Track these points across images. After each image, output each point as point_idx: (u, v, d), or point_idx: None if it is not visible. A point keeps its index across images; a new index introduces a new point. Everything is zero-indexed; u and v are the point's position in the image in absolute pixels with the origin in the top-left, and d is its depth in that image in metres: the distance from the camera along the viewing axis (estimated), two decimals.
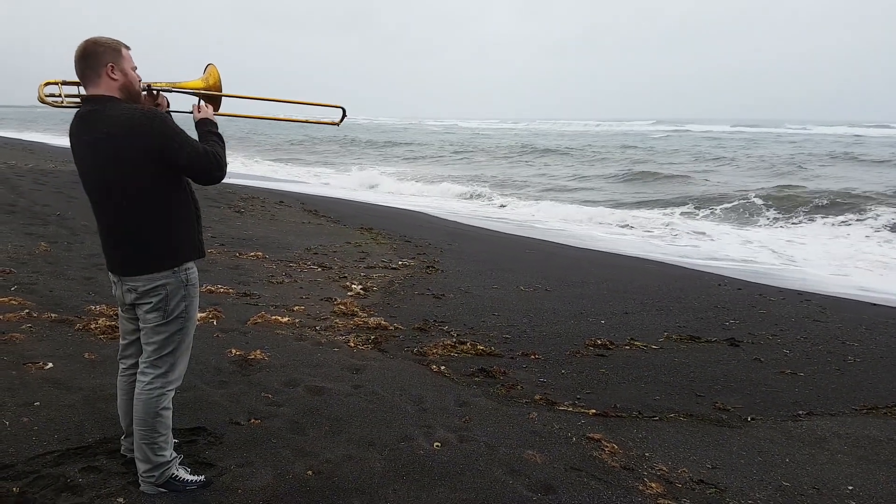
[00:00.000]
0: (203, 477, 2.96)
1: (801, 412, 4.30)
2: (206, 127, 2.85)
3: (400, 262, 8.45)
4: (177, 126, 2.65)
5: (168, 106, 2.96)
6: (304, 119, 3.51)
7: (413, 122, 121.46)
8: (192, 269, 2.85)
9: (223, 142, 2.83)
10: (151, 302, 2.74)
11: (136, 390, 2.82)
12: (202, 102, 2.95)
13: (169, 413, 2.85)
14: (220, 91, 3.01)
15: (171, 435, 2.90)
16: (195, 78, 3.01)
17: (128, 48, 2.69)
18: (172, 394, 2.87)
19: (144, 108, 2.65)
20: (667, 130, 71.42)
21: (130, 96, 2.68)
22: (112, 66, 2.60)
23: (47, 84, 2.78)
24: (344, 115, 3.38)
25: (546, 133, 66.08)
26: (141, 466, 2.83)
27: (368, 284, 7.13)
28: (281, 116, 3.61)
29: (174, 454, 2.92)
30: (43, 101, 2.77)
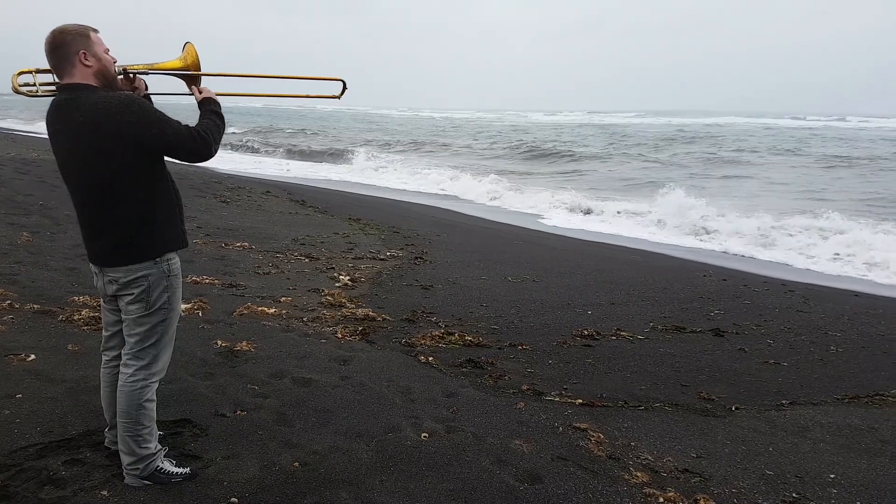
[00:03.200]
0: (188, 469, 2.94)
1: (784, 401, 4.35)
2: (208, 106, 2.82)
3: (388, 253, 8.43)
4: (155, 110, 2.61)
5: (146, 89, 2.91)
6: (304, 94, 3.47)
7: (384, 111, 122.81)
8: (175, 259, 2.81)
9: (221, 120, 2.81)
10: (133, 293, 2.70)
11: (119, 382, 2.79)
12: (198, 83, 2.92)
13: (153, 405, 2.83)
14: (199, 70, 2.96)
15: (155, 427, 2.87)
16: (173, 58, 2.96)
17: (96, 31, 2.62)
18: (156, 385, 2.84)
19: (121, 94, 2.59)
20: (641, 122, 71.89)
21: (106, 81, 2.63)
22: (84, 53, 2.55)
23: (21, 73, 2.71)
24: (344, 88, 3.33)
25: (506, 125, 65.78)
26: (125, 459, 2.81)
27: (356, 275, 7.11)
28: (280, 93, 3.57)
29: (159, 446, 2.89)
30: (17, 92, 2.70)
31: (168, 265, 2.76)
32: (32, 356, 4.10)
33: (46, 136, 2.71)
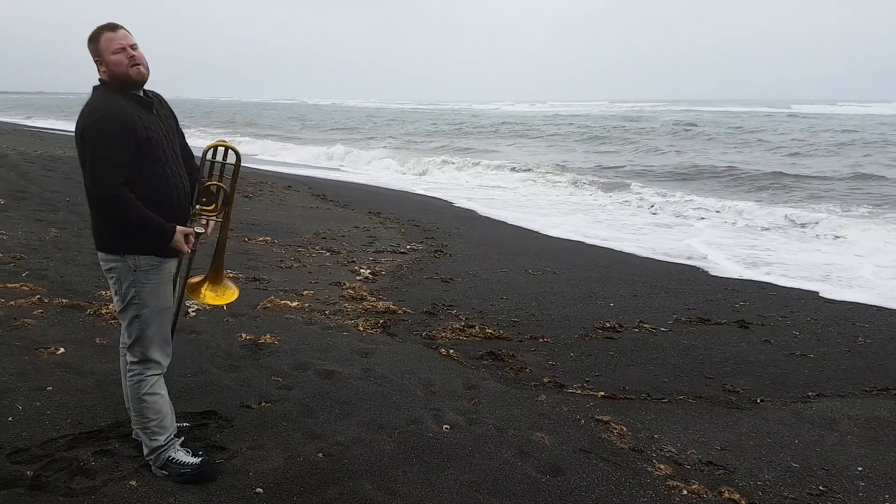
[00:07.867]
0: (200, 459, 2.89)
1: (810, 394, 4.29)
2: (170, 227, 2.70)
3: (408, 247, 8.45)
4: (108, 139, 2.56)
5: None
6: None
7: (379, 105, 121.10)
8: (144, 258, 2.74)
9: (140, 224, 2.63)
10: (110, 283, 2.80)
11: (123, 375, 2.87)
12: (206, 225, 2.93)
13: (155, 398, 2.82)
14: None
15: (166, 419, 2.86)
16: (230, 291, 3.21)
17: (112, 29, 2.65)
18: (154, 380, 2.83)
19: (96, 104, 2.62)
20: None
21: (117, 81, 2.67)
22: (97, 60, 2.68)
23: None
24: None
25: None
26: (144, 449, 2.87)
27: (377, 269, 7.14)
28: None
29: (171, 438, 2.88)
30: None
31: (136, 261, 2.71)
32: (62, 349, 4.18)
33: (70, 135, 2.81)
